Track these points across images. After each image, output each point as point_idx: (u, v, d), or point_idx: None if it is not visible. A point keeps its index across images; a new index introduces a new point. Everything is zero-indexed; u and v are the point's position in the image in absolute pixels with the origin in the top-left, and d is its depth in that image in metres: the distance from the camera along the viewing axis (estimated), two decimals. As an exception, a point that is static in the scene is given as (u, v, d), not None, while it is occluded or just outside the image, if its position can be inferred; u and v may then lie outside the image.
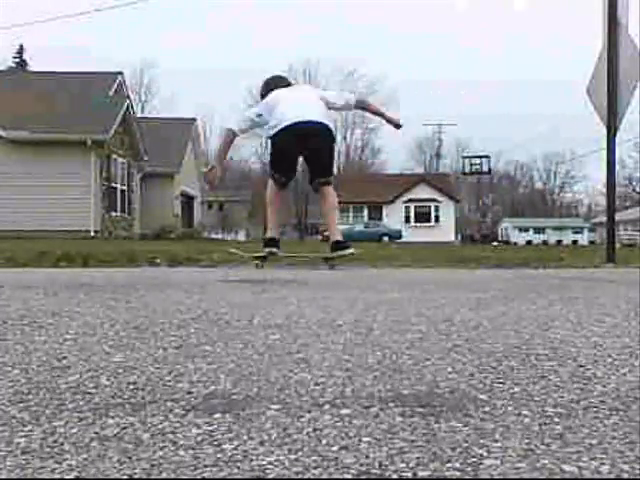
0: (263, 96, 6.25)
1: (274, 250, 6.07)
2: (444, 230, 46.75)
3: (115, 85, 25.78)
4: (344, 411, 1.20)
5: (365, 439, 1.04)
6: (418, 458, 0.95)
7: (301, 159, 6.13)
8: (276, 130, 5.84)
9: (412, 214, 48.66)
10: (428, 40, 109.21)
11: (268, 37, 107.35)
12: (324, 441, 1.03)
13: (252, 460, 0.95)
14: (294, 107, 5.87)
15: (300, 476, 0.89)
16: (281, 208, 6.37)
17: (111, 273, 5.23)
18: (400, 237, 40.65)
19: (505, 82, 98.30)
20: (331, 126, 5.97)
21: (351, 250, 5.88)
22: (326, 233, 6.45)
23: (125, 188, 25.04)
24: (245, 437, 1.05)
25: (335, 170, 6.04)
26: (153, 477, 0.89)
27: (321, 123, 5.83)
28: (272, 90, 6.18)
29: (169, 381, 1.43)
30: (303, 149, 5.91)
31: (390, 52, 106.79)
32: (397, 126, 6.43)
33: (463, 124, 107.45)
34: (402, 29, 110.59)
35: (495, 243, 47.53)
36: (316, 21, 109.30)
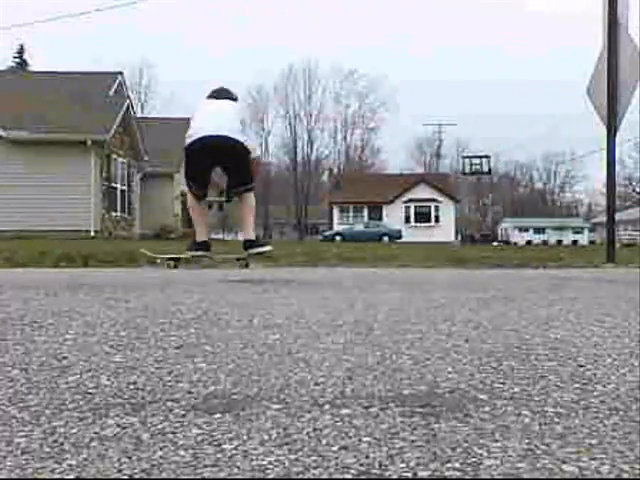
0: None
1: (206, 253, 6.12)
2: (444, 230, 46.72)
3: (115, 85, 25.75)
4: (344, 411, 1.20)
5: (365, 439, 1.04)
6: (418, 458, 0.95)
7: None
8: (190, 140, 5.89)
9: (412, 214, 48.64)
10: (428, 40, 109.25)
11: (268, 37, 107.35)
12: (324, 441, 1.03)
13: (252, 460, 0.95)
14: (209, 118, 5.93)
15: (300, 476, 0.89)
16: (204, 214, 6.39)
17: (111, 273, 5.23)
18: (400, 237, 40.63)
19: (505, 82, 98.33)
20: (242, 139, 5.95)
21: (268, 248, 6.02)
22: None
23: (125, 188, 25.03)
24: (245, 437, 1.05)
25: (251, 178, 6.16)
26: (153, 477, 0.89)
27: (232, 138, 5.84)
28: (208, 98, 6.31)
29: (169, 381, 1.43)
30: (218, 162, 6.02)
31: (390, 52, 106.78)
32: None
33: (463, 124, 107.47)
34: (402, 29, 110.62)
35: (495, 243, 47.54)
36: (316, 21, 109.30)
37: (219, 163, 6.02)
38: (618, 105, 7.05)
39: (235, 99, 6.47)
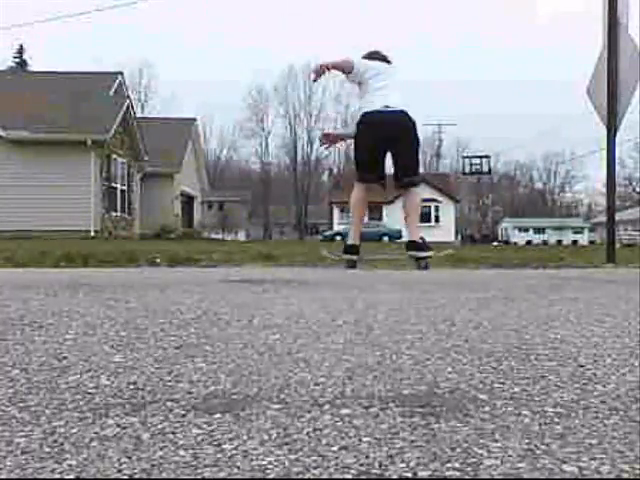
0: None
1: (354, 257, 5.64)
2: (444, 230, 46.73)
3: (115, 85, 25.76)
4: (344, 411, 1.20)
5: (365, 439, 1.04)
6: (418, 458, 0.95)
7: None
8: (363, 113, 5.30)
9: (412, 214, 48.58)
10: (428, 40, 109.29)
11: (268, 37, 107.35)
12: (324, 441, 1.03)
13: (252, 460, 0.95)
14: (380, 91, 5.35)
15: (300, 476, 0.89)
16: (363, 212, 5.80)
17: (111, 273, 5.23)
18: (400, 237, 40.59)
19: (505, 82, 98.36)
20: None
21: (431, 253, 5.52)
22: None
23: (125, 188, 25.03)
24: (245, 437, 1.05)
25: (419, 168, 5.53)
26: (153, 477, 0.89)
27: (408, 114, 5.30)
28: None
29: (169, 381, 1.43)
30: (390, 143, 5.37)
31: (390, 52, 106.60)
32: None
33: (463, 124, 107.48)
34: (402, 29, 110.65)
35: (495, 243, 47.54)
36: (317, 21, 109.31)
37: (391, 144, 5.34)
38: (618, 105, 7.05)
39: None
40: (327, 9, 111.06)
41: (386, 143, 5.36)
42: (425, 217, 48.46)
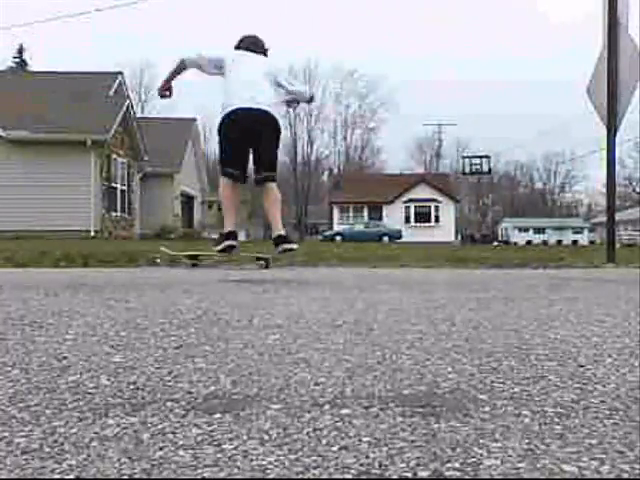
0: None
1: (234, 243, 5.26)
2: (444, 230, 46.72)
3: (115, 85, 25.76)
4: (344, 411, 1.20)
5: (365, 439, 1.04)
6: (418, 458, 0.95)
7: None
8: (225, 113, 5.07)
9: (412, 214, 48.65)
10: (428, 40, 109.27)
11: (268, 37, 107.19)
12: (324, 441, 1.03)
13: (252, 460, 0.95)
14: (242, 86, 5.07)
15: (300, 476, 0.89)
16: (237, 201, 5.45)
17: (111, 273, 5.23)
18: (400, 237, 40.64)
19: (505, 82, 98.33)
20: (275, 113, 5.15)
21: (295, 245, 5.20)
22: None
23: (125, 188, 25.03)
24: (245, 437, 1.05)
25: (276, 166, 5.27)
26: (153, 477, 0.89)
27: (267, 111, 5.03)
28: (239, 49, 5.44)
29: (169, 381, 1.43)
30: (251, 139, 5.14)
31: (390, 52, 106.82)
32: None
33: (463, 124, 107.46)
34: (402, 29, 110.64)
35: (495, 243, 47.53)
36: (316, 21, 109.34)
37: (252, 140, 5.13)
38: (618, 105, 7.05)
39: (266, 53, 5.55)
40: (328, 9, 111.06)
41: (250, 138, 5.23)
42: (425, 217, 48.51)
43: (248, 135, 5.09)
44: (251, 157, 5.28)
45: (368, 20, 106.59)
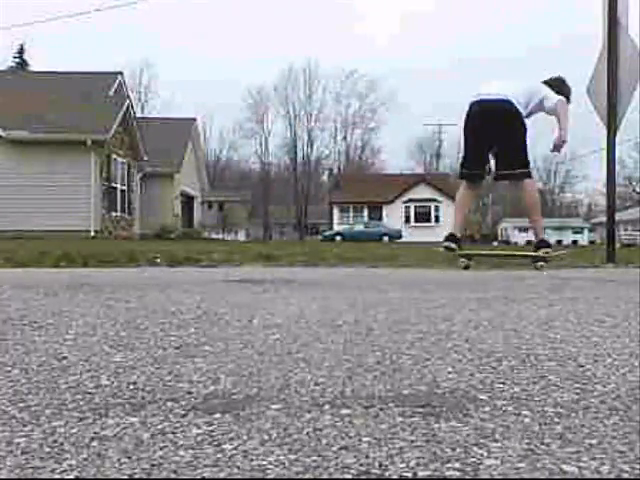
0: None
1: (452, 245, 5.73)
2: (444, 230, 46.57)
3: (115, 85, 25.76)
4: (344, 411, 1.20)
5: (365, 439, 1.04)
6: (418, 458, 0.95)
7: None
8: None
9: (412, 214, 48.68)
10: (428, 40, 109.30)
11: (268, 37, 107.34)
12: (324, 441, 1.03)
13: (252, 460, 0.95)
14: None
15: (300, 476, 0.89)
16: (467, 203, 5.82)
17: (111, 273, 5.23)
18: (400, 237, 40.65)
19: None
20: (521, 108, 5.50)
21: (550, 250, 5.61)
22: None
23: (125, 188, 25.03)
24: (245, 437, 1.05)
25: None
26: (153, 477, 0.89)
27: (508, 101, 5.37)
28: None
29: (169, 381, 1.43)
30: (493, 134, 5.48)
31: (390, 52, 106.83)
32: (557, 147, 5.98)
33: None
34: (402, 29, 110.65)
35: (495, 243, 47.50)
36: (316, 21, 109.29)
37: (494, 135, 5.38)
38: (618, 105, 7.04)
39: (565, 93, 5.96)
40: (328, 9, 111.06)
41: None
42: (425, 217, 48.53)
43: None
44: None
45: (369, 20, 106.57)
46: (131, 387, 1.38)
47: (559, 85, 6.08)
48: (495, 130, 5.49)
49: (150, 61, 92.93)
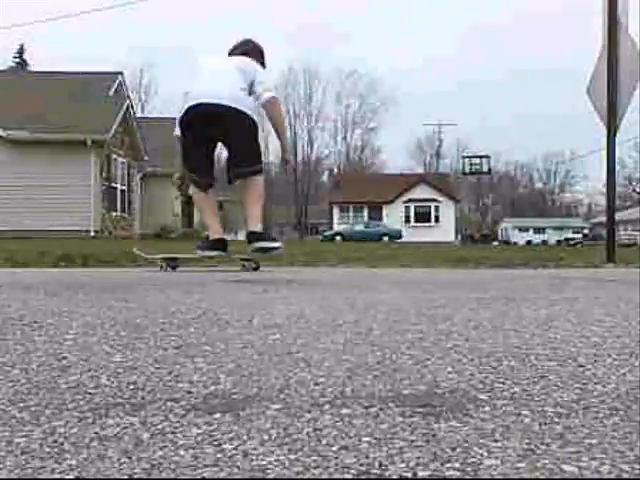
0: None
1: (222, 254, 5.07)
2: (444, 230, 46.72)
3: (115, 85, 25.75)
4: (344, 411, 1.20)
5: (365, 439, 1.04)
6: (418, 458, 0.95)
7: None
8: (183, 111, 4.72)
9: (412, 214, 48.66)
10: (429, 40, 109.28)
11: (268, 37, 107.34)
12: (324, 441, 1.03)
13: (252, 460, 0.95)
14: (209, 81, 4.72)
15: (300, 476, 0.89)
16: (212, 204, 5.13)
17: (111, 273, 5.23)
18: (400, 237, 40.64)
19: (505, 82, 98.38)
20: (246, 108, 4.69)
21: (277, 244, 4.81)
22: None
23: (125, 188, 25.02)
24: (245, 437, 1.05)
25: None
26: (153, 477, 0.89)
27: (232, 107, 4.61)
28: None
29: (169, 381, 1.43)
30: (217, 137, 4.82)
31: (390, 52, 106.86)
32: (285, 161, 5.58)
33: (463, 124, 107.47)
34: (403, 29, 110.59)
35: (495, 243, 47.51)
36: (316, 21, 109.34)
37: (219, 138, 4.82)
38: (618, 105, 7.05)
39: (248, 53, 5.08)
40: (328, 9, 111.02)
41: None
42: (425, 217, 48.52)
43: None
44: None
45: (369, 19, 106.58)
46: (131, 387, 1.38)
47: (252, 50, 5.14)
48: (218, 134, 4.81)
49: (150, 61, 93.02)
